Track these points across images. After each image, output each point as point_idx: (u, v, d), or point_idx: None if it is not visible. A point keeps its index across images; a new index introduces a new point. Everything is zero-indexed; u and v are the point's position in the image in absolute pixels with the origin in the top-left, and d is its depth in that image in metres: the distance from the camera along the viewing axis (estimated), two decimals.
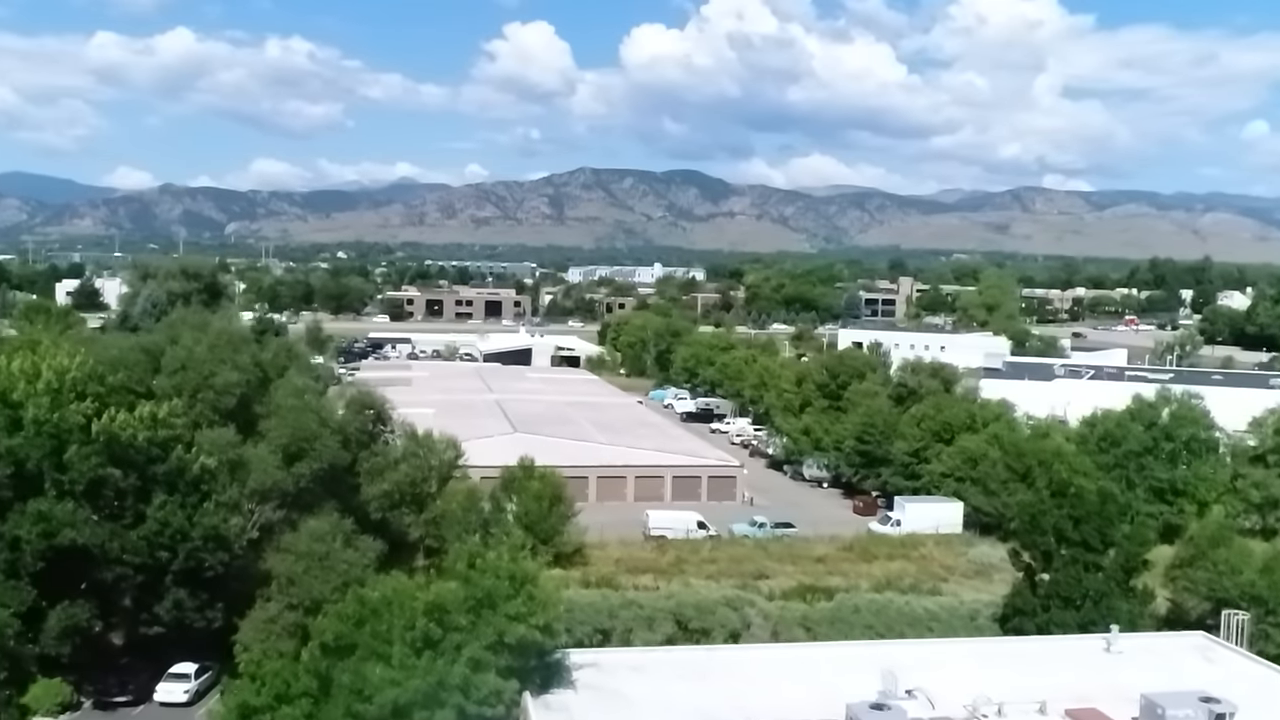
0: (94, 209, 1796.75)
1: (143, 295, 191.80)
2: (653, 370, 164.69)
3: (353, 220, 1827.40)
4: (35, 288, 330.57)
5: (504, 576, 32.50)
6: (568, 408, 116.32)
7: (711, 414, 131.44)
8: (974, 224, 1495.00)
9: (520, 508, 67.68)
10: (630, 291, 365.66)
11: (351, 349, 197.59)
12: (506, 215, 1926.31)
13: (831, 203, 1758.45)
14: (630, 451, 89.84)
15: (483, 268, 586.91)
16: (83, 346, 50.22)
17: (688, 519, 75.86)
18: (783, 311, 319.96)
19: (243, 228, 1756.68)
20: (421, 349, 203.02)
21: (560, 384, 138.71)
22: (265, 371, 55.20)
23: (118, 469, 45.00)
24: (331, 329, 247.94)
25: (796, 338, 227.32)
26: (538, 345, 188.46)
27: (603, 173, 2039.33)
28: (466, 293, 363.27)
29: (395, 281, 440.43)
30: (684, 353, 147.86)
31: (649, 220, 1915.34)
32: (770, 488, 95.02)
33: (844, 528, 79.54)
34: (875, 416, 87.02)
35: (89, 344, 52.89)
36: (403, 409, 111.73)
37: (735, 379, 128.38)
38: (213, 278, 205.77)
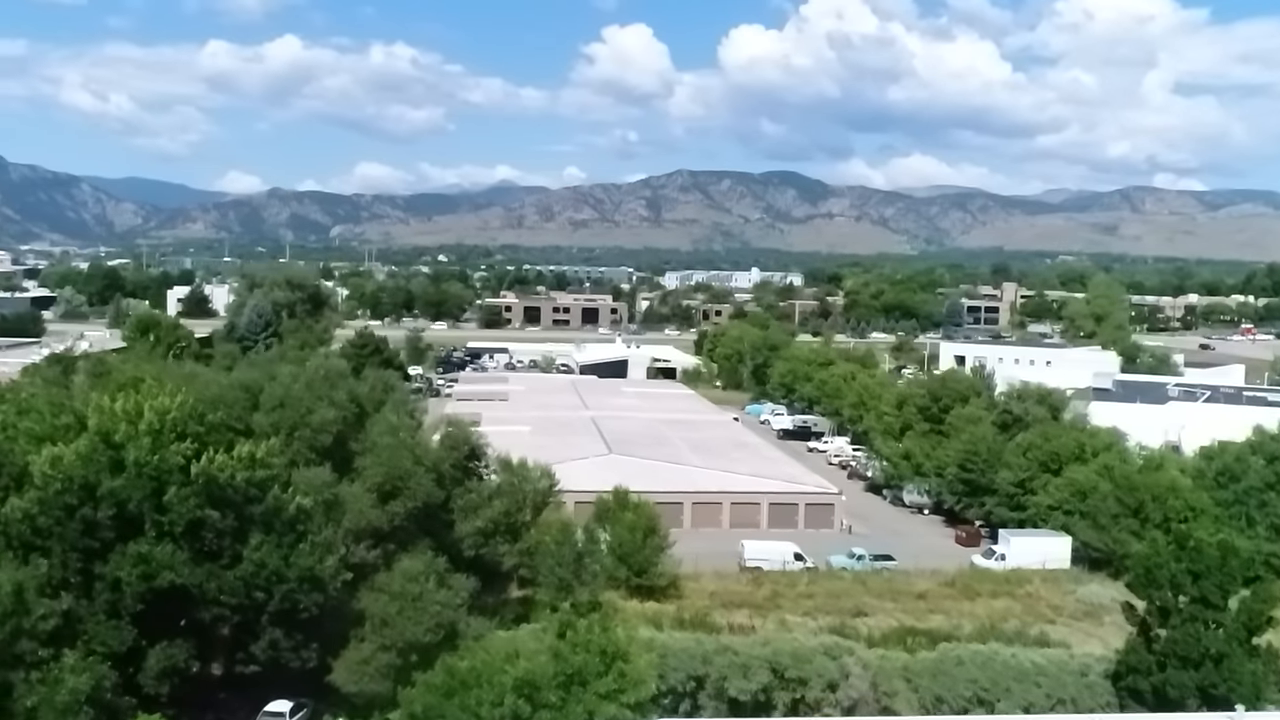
0: (205, 213, 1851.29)
1: (249, 306, 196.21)
2: (749, 384, 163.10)
3: (453, 223, 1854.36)
4: (148, 294, 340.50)
5: (595, 651, 31.72)
6: (663, 426, 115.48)
7: (809, 432, 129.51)
8: (1080, 225, 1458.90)
9: (614, 539, 67.01)
10: (727, 298, 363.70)
11: (450, 359, 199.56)
12: (604, 218, 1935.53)
13: (933, 203, 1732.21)
14: (726, 476, 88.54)
15: (580, 272, 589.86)
16: (184, 383, 50.75)
17: (784, 550, 74.39)
18: (882, 319, 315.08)
19: (347, 231, 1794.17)
20: (519, 359, 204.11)
21: (656, 399, 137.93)
22: (361, 406, 55.33)
23: (216, 510, 45.27)
24: (431, 337, 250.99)
25: (896, 349, 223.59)
26: (634, 357, 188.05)
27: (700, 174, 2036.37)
28: (563, 299, 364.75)
29: (494, 287, 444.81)
30: (781, 367, 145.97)
31: (746, 222, 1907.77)
32: (869, 514, 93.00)
33: (945, 560, 77.30)
34: (979, 444, 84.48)
35: (190, 379, 53.50)
36: (499, 426, 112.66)
37: (834, 397, 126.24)
38: (316, 288, 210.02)
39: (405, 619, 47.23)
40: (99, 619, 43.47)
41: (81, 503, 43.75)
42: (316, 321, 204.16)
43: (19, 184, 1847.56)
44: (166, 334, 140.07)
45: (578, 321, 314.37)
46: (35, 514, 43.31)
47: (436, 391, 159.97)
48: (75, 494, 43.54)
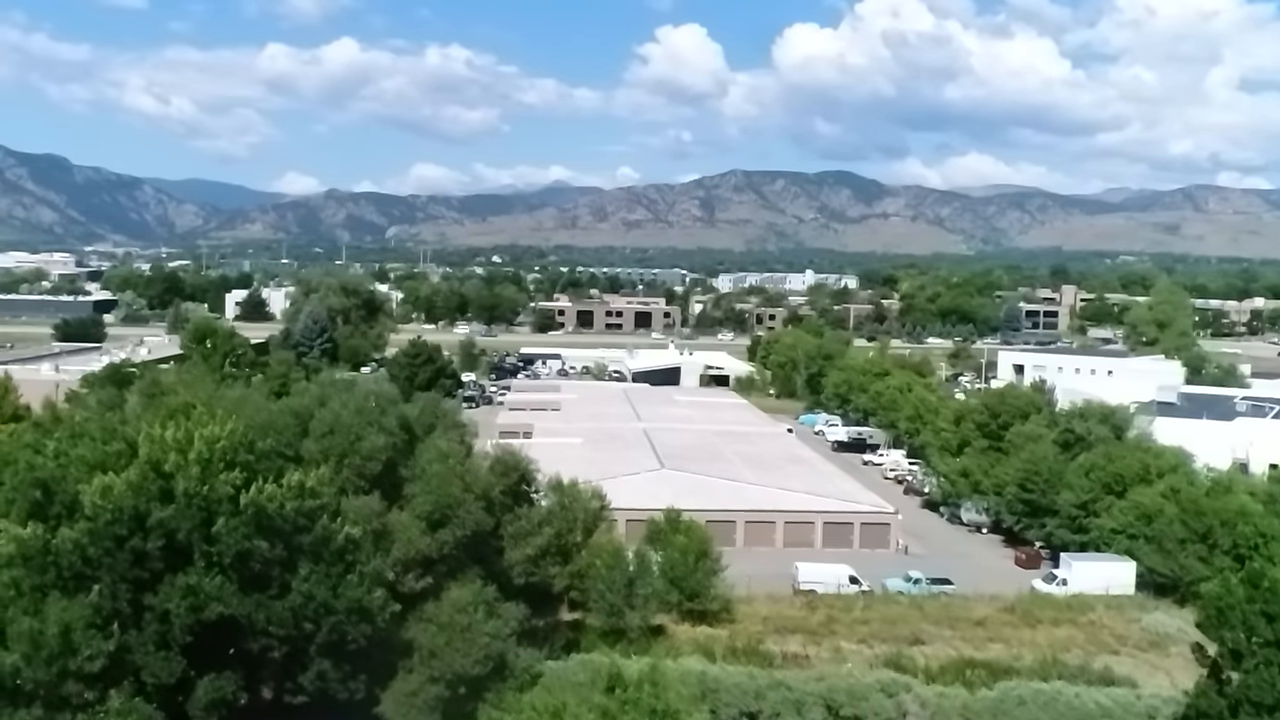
0: (264, 214, 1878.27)
1: (305, 312, 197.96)
2: (803, 392, 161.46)
3: (507, 224, 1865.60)
4: (207, 297, 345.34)
5: (644, 711, 30.84)
6: (716, 438, 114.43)
7: (864, 444, 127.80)
8: (1142, 224, 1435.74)
9: (665, 562, 66.12)
10: (780, 301, 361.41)
11: (503, 365, 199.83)
12: (657, 218, 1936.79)
13: (990, 203, 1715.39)
14: (780, 494, 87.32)
15: (633, 274, 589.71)
16: (235, 409, 50.58)
17: (839, 573, 73.03)
18: (938, 324, 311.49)
19: (402, 231, 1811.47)
20: (571, 365, 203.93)
21: (709, 409, 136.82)
22: (412, 431, 54.90)
23: (265, 540, 44.90)
24: (484, 342, 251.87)
25: (953, 355, 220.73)
26: (686, 364, 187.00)
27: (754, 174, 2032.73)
28: (616, 303, 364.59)
29: (547, 290, 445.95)
30: (836, 377, 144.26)
31: (800, 222, 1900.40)
32: (925, 533, 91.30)
33: (1005, 583, 75.46)
34: (1039, 463, 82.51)
35: (241, 404, 53.35)
36: (551, 438, 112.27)
37: (889, 409, 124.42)
38: (370, 294, 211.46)
39: (454, 650, 46.71)
40: (148, 650, 43.33)
41: (131, 533, 43.60)
42: (371, 327, 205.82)
43: (84, 186, 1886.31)
44: (222, 342, 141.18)
45: (630, 325, 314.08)
46: (86, 544, 43.23)
47: (489, 399, 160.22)
48: (125, 524, 43.41)
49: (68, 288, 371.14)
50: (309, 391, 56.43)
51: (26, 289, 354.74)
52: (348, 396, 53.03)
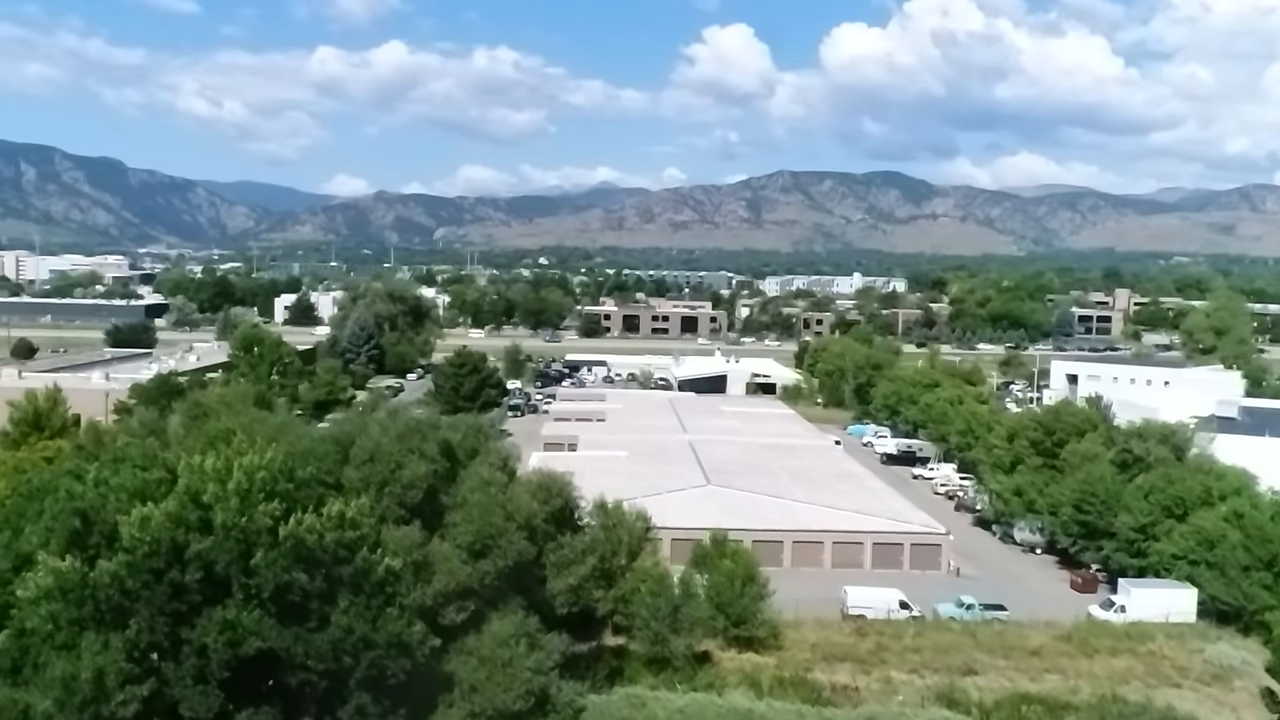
0: (314, 215, 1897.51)
1: (352, 319, 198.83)
2: (851, 402, 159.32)
3: (554, 225, 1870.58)
4: (257, 300, 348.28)
5: None
6: (762, 451, 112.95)
7: (914, 457, 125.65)
8: (1196, 225, 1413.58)
9: (711, 587, 64.84)
10: (828, 305, 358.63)
11: (549, 372, 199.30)
12: (704, 219, 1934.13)
13: (1041, 203, 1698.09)
14: (828, 513, 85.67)
15: (679, 278, 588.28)
16: (276, 435, 49.97)
17: (889, 597, 71.33)
18: (989, 329, 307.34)
19: (450, 233, 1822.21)
20: (617, 372, 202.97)
21: (755, 420, 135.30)
22: (454, 456, 54.03)
23: (304, 572, 44.19)
24: (530, 346, 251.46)
25: (1004, 363, 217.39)
26: (732, 372, 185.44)
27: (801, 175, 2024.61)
28: (662, 307, 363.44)
29: (593, 294, 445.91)
30: (885, 388, 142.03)
31: (848, 223, 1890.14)
32: (977, 553, 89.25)
33: (1060, 608, 73.37)
34: (1096, 484, 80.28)
35: (282, 430, 52.76)
36: (596, 450, 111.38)
37: (940, 422, 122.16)
38: (417, 300, 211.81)
39: (495, 685, 45.81)
40: (186, 684, 42.75)
41: (169, 565, 43.06)
42: (417, 334, 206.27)
43: (138, 188, 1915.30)
44: (269, 351, 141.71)
45: (677, 330, 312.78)
46: (124, 577, 42.74)
47: (535, 408, 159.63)
48: (163, 557, 42.90)
49: (120, 291, 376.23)
50: (350, 418, 55.57)
51: (80, 293, 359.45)
52: (389, 422, 52.21)
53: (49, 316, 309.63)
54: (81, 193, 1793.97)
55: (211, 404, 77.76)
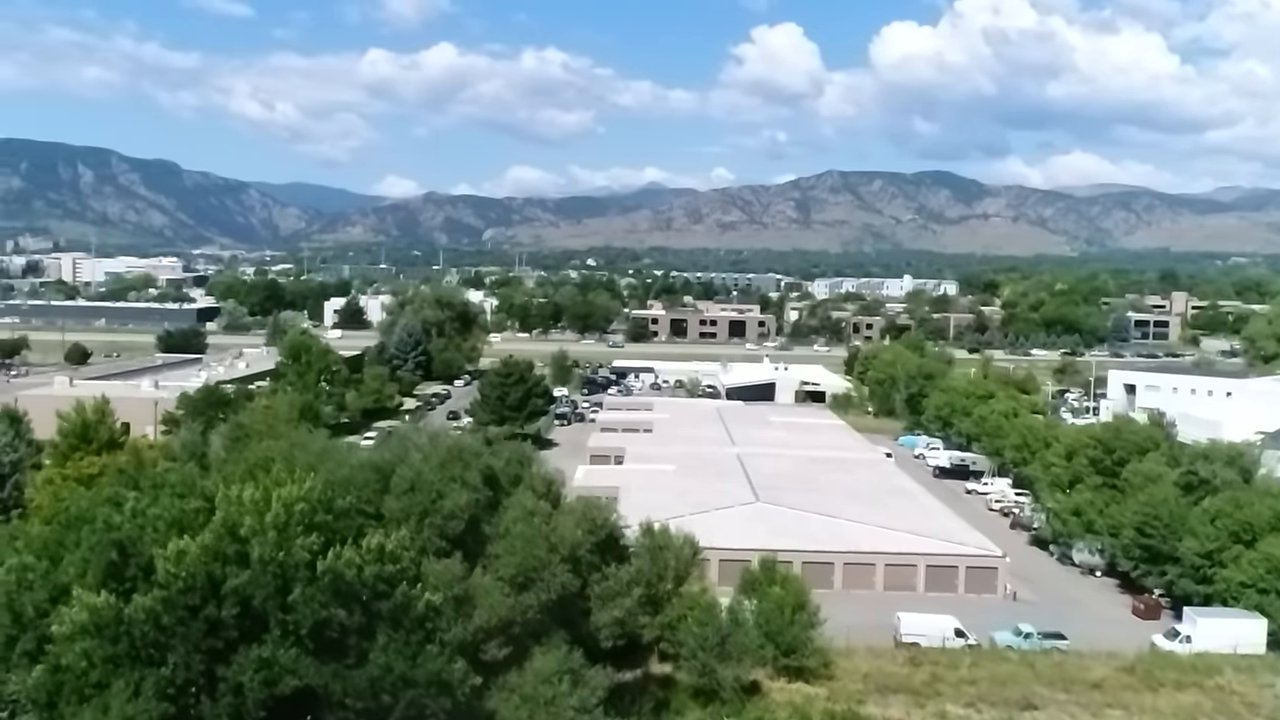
0: (364, 217, 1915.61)
1: (400, 325, 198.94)
2: (903, 412, 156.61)
3: (602, 226, 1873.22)
4: (306, 304, 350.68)
5: None
6: (812, 465, 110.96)
7: (967, 470, 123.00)
8: (1255, 225, 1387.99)
9: (760, 615, 63.12)
10: (878, 310, 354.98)
11: (595, 378, 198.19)
12: (752, 219, 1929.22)
13: (1094, 203, 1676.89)
14: (881, 534, 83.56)
15: (727, 280, 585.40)
16: (316, 462, 48.97)
17: (944, 625, 69.20)
18: (1043, 334, 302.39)
19: (499, 234, 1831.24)
20: (664, 378, 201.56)
21: (804, 432, 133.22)
22: (497, 483, 52.75)
23: (343, 608, 43.13)
24: (577, 351, 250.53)
25: (1059, 371, 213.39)
26: (781, 380, 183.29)
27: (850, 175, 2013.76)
28: (710, 311, 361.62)
29: (641, 296, 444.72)
30: (938, 399, 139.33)
31: (898, 223, 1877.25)
32: (1034, 575, 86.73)
33: (1122, 636, 70.81)
34: (1159, 507, 77.57)
35: (322, 457, 51.78)
36: (643, 464, 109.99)
37: (994, 435, 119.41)
38: (464, 306, 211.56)
39: None
40: None
41: (205, 601, 42.18)
42: (465, 340, 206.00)
43: (193, 190, 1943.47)
44: (317, 359, 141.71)
45: (725, 334, 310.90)
46: (159, 613, 41.90)
47: (582, 416, 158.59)
48: (199, 592, 42.04)
49: (173, 294, 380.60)
50: (391, 444, 54.50)
51: (134, 296, 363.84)
52: (430, 449, 51.04)
53: (103, 320, 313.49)
54: (137, 195, 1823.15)
55: (254, 424, 77.21)
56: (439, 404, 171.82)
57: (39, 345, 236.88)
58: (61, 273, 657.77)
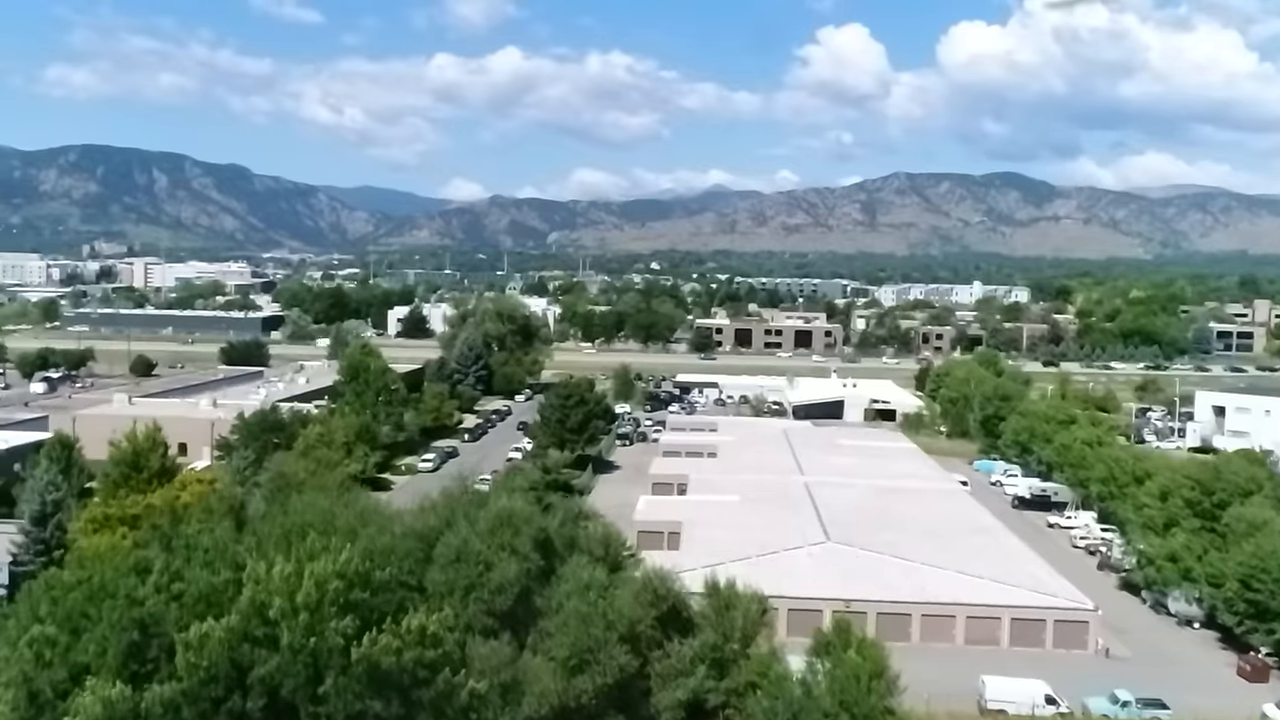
0: (430, 220, 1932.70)
1: (460, 339, 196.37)
2: (977, 434, 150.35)
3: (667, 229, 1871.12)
4: (371, 312, 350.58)
5: None
6: (885, 497, 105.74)
7: (1049, 501, 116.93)
8: None
9: (834, 681, 58.41)
10: (948, 319, 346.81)
11: (658, 393, 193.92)
12: (818, 222, 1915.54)
13: (1169, 204, 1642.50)
14: (962, 582, 78.20)
15: (792, 286, 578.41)
16: (357, 526, 45.34)
17: (1034, 691, 63.95)
18: (1120, 346, 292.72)
19: (563, 237, 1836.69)
20: (729, 394, 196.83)
21: (875, 457, 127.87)
22: (551, 550, 48.81)
23: (379, 698, 39.46)
24: (640, 363, 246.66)
25: (1140, 388, 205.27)
26: (850, 397, 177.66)
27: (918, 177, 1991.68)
28: (776, 319, 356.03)
29: (705, 304, 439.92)
30: (1015, 424, 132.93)
31: (966, 226, 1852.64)
32: (1127, 626, 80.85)
33: (1228, 701, 65.07)
34: (1268, 559, 71.54)
35: (364, 519, 48.13)
36: (707, 494, 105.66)
37: (1078, 466, 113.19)
38: (526, 320, 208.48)
39: None
40: None
41: (230, 692, 38.75)
42: (526, 354, 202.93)
43: (263, 194, 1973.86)
44: (375, 378, 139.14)
45: (790, 344, 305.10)
46: (180, 704, 38.48)
47: (644, 435, 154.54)
48: (223, 683, 38.59)
49: (240, 302, 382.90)
50: (436, 509, 50.70)
51: (201, 304, 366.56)
52: (478, 515, 47.16)
53: (170, 329, 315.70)
54: (210, 199, 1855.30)
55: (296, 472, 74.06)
56: (499, 421, 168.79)
57: (106, 355, 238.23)
58: (134, 278, 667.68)
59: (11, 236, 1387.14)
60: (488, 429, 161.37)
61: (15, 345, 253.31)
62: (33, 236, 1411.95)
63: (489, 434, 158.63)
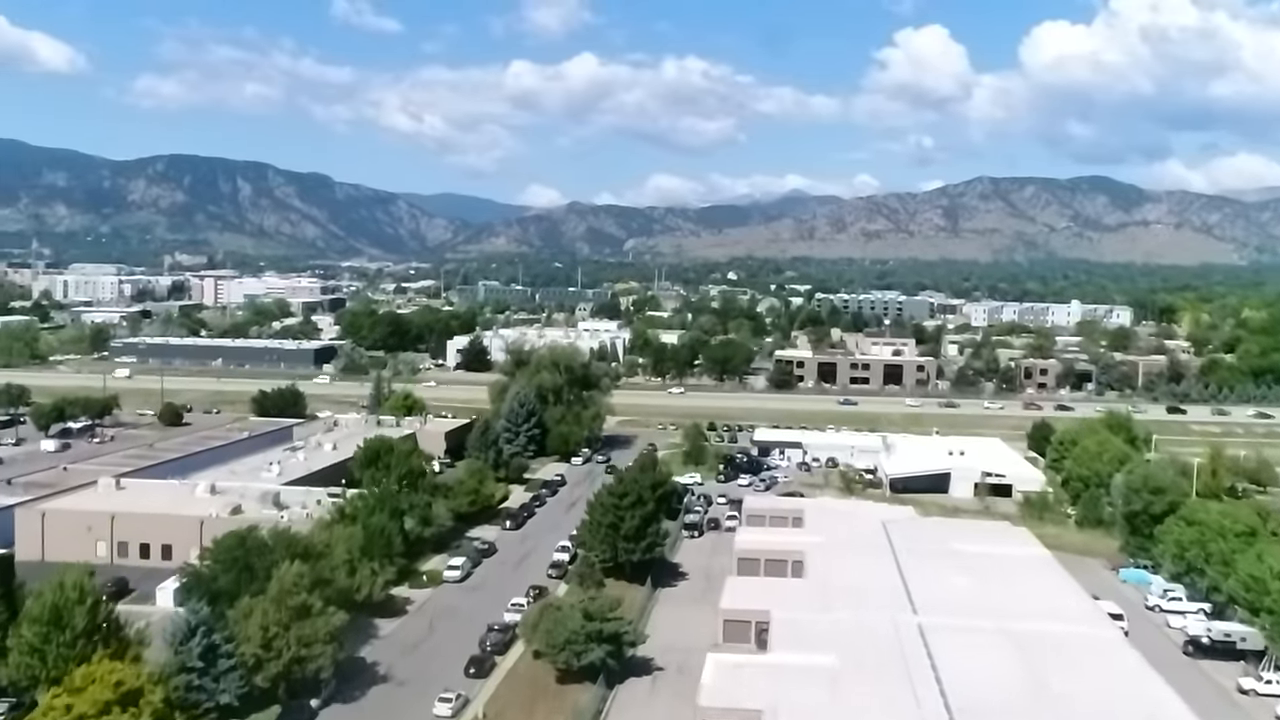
0: (508, 227, 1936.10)
1: (510, 394, 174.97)
2: (1120, 529, 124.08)
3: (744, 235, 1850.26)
4: (431, 338, 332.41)
5: None
6: (1024, 654, 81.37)
7: (1235, 649, 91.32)
8: None
9: None
10: (1049, 348, 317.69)
11: (735, 459, 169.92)
12: (899, 228, 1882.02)
13: (1265, 208, 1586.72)
14: None
15: (876, 305, 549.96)
16: None
17: None
18: (1250, 384, 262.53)
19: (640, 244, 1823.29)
20: (814, 456, 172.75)
21: (1000, 573, 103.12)
22: None
23: None
24: (714, 407, 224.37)
25: None
26: (957, 469, 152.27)
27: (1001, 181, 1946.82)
28: (861, 347, 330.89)
29: (784, 326, 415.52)
30: (1179, 535, 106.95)
31: (1052, 231, 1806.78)
32: None
33: None
34: None
35: None
36: (791, 652, 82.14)
37: (1276, 610, 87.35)
38: (585, 369, 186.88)
39: None
40: None
41: None
42: (585, 407, 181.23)
43: (344, 202, 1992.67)
44: (398, 463, 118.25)
45: (878, 379, 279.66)
46: None
47: (716, 523, 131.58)
48: None
49: (299, 328, 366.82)
50: None
51: (256, 331, 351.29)
52: None
53: (220, 360, 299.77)
54: (292, 207, 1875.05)
55: None
56: (549, 496, 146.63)
57: (139, 396, 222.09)
58: (204, 295, 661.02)
59: (100, 246, 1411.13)
60: (535, 508, 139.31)
61: (48, 384, 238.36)
62: (120, 245, 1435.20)
63: (536, 515, 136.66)
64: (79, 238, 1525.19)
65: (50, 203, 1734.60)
